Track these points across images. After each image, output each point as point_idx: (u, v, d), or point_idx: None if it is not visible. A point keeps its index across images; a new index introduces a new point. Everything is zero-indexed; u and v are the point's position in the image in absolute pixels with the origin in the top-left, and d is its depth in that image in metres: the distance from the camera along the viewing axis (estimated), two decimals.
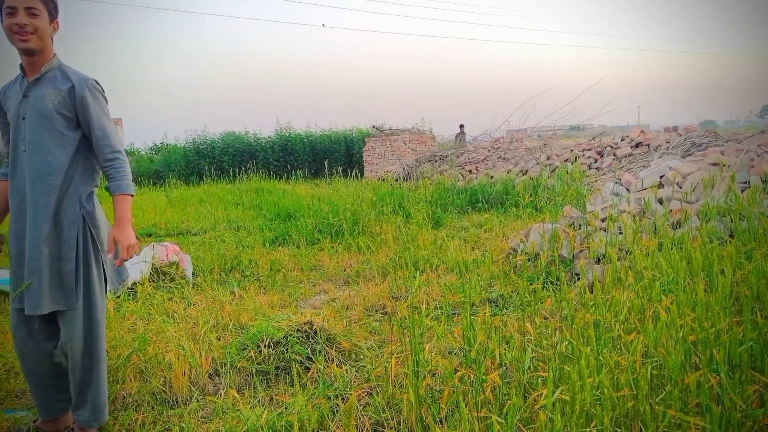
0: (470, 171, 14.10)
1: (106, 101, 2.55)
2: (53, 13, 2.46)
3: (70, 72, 2.49)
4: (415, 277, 3.16)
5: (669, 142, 10.46)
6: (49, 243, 2.43)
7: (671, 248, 3.69)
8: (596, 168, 11.44)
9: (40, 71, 2.45)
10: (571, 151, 12.59)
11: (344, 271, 5.84)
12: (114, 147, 2.50)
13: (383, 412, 2.65)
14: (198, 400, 3.01)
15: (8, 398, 3.16)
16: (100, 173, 2.62)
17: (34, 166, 2.41)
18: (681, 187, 5.59)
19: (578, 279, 4.52)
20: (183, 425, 2.74)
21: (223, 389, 3.11)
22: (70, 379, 2.57)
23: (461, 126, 19.69)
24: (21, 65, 2.49)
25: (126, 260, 2.52)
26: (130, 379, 3.15)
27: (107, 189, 2.52)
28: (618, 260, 3.73)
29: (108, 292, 2.71)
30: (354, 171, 15.52)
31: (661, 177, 6.08)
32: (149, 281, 5.03)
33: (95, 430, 2.60)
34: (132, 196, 2.55)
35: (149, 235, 8.37)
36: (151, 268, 5.22)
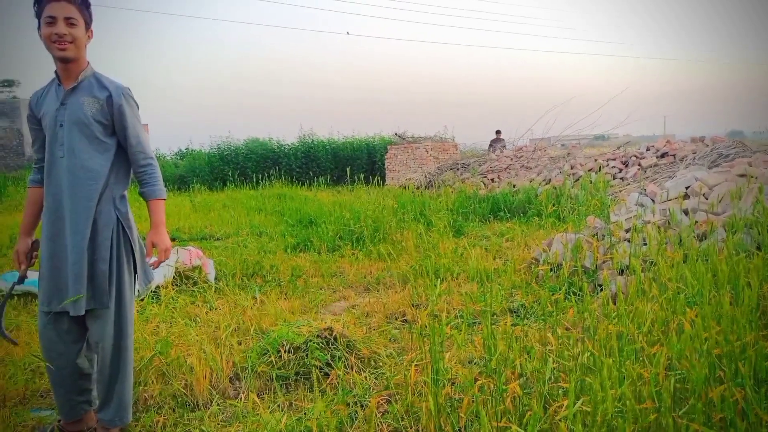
0: (492, 179, 14.03)
1: (138, 108, 2.63)
2: (89, 22, 2.53)
3: (105, 80, 2.56)
4: (435, 285, 3.16)
5: (695, 153, 10.31)
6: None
7: (696, 260, 3.64)
8: (621, 178, 11.31)
9: (76, 79, 2.51)
10: (596, 160, 12.47)
11: (365, 278, 5.85)
12: (147, 153, 2.61)
13: (402, 420, 2.65)
14: (218, 404, 3.03)
15: (34, 397, 3.22)
16: (131, 176, 2.70)
17: (73, 172, 2.48)
18: (707, 199, 5.50)
19: (601, 290, 4.47)
20: (203, 428, 2.76)
21: (243, 393, 3.13)
22: (97, 378, 2.62)
23: (498, 132, 18.87)
24: (56, 72, 2.54)
25: (162, 262, 2.61)
26: (152, 382, 3.19)
27: (141, 194, 2.62)
28: (642, 271, 3.69)
29: (136, 293, 2.77)
30: (376, 178, 15.53)
31: (687, 188, 6.00)
32: (172, 285, 5.09)
33: (117, 430, 2.64)
34: (164, 200, 2.64)
35: (173, 240, 8.47)
36: (175, 272, 5.29)
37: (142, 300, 4.47)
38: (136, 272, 2.66)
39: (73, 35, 2.43)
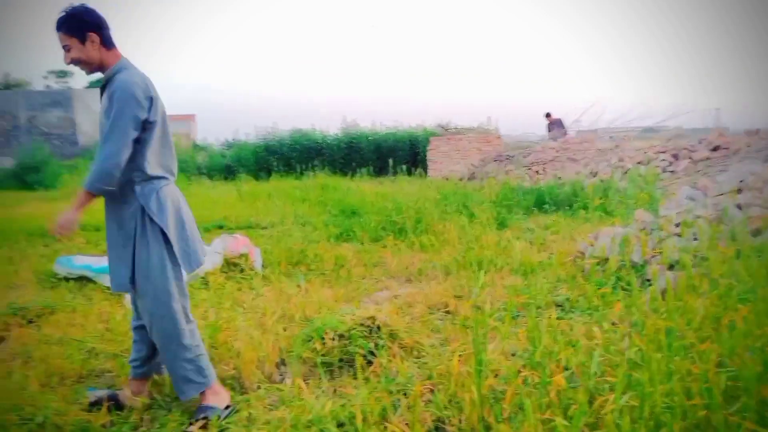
0: (537, 171, 13.84)
1: (133, 103, 2.61)
2: (81, 35, 2.63)
3: (119, 78, 2.66)
4: (478, 277, 3.15)
5: (750, 146, 9.96)
6: None
7: (750, 256, 3.53)
8: (671, 171, 11.01)
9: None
10: (645, 153, 12.15)
11: (407, 268, 5.86)
12: (102, 147, 2.67)
13: (445, 409, 2.66)
14: (265, 388, 3.11)
15: (90, 377, 3.36)
16: (164, 164, 2.86)
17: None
18: (762, 193, 5.32)
19: (649, 285, 4.38)
20: (251, 411, 2.84)
21: (289, 378, 3.20)
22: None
23: (548, 115, 18.16)
24: None
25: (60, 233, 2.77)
26: None
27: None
28: (692, 267, 3.60)
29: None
30: (418, 169, 15.48)
31: (740, 182, 5.81)
32: (221, 272, 5.22)
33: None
34: (88, 191, 2.66)
35: (220, 228, 8.65)
36: (223, 259, 5.42)
37: (191, 286, 4.60)
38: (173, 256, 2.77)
39: (72, 58, 2.66)
